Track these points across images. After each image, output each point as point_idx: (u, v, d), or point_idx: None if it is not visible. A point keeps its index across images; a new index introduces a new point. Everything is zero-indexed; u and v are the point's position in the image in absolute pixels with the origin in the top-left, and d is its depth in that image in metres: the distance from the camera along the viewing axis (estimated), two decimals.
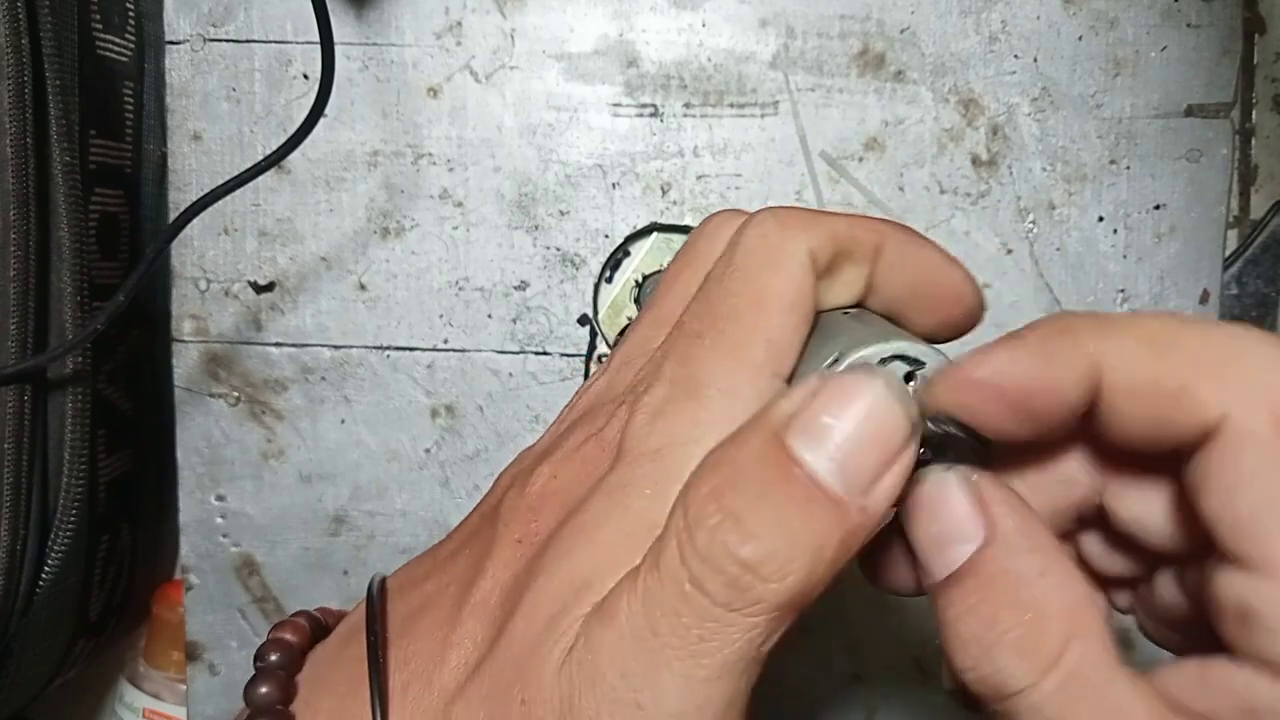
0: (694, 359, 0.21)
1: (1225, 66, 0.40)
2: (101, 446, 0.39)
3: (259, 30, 0.41)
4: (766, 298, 0.21)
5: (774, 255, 0.21)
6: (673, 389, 0.21)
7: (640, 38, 0.41)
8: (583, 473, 0.21)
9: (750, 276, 0.21)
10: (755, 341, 0.20)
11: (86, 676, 0.48)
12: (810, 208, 0.22)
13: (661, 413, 0.20)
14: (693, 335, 0.21)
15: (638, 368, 0.23)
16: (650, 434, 0.20)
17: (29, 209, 0.34)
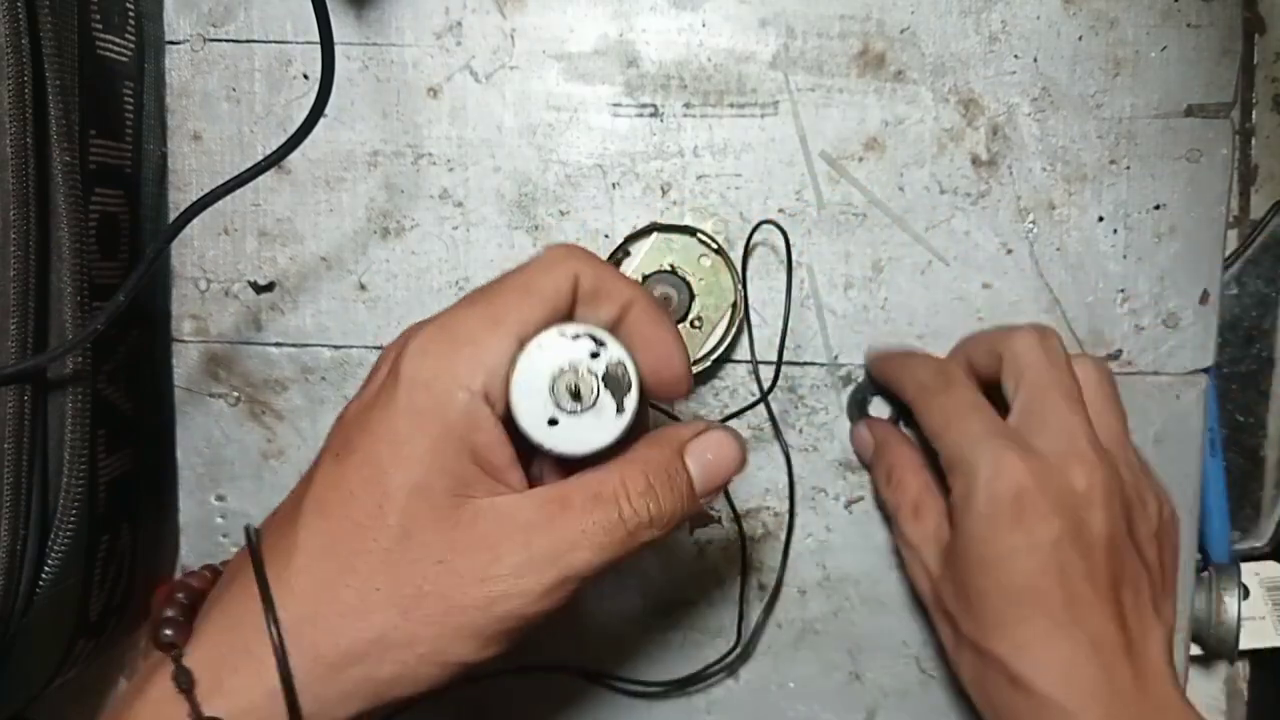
0: (462, 314, 0.28)
1: (1225, 66, 0.40)
2: (101, 446, 0.39)
3: (259, 30, 0.41)
4: (529, 286, 0.28)
5: (550, 265, 0.28)
6: (439, 331, 0.27)
7: (640, 38, 0.41)
8: (376, 395, 0.28)
9: (526, 271, 0.28)
10: (510, 313, 0.27)
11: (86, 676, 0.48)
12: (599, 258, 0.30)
13: (426, 349, 0.27)
14: (469, 301, 0.28)
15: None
16: (420, 365, 0.27)
17: (29, 209, 0.34)
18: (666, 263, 0.40)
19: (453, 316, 0.28)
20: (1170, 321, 0.41)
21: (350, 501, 0.27)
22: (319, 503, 0.27)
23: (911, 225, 0.41)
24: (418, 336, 0.27)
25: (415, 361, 0.27)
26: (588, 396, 0.27)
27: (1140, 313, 0.41)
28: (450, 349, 0.27)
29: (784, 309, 0.41)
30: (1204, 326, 0.41)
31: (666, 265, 0.40)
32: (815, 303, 0.42)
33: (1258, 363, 0.45)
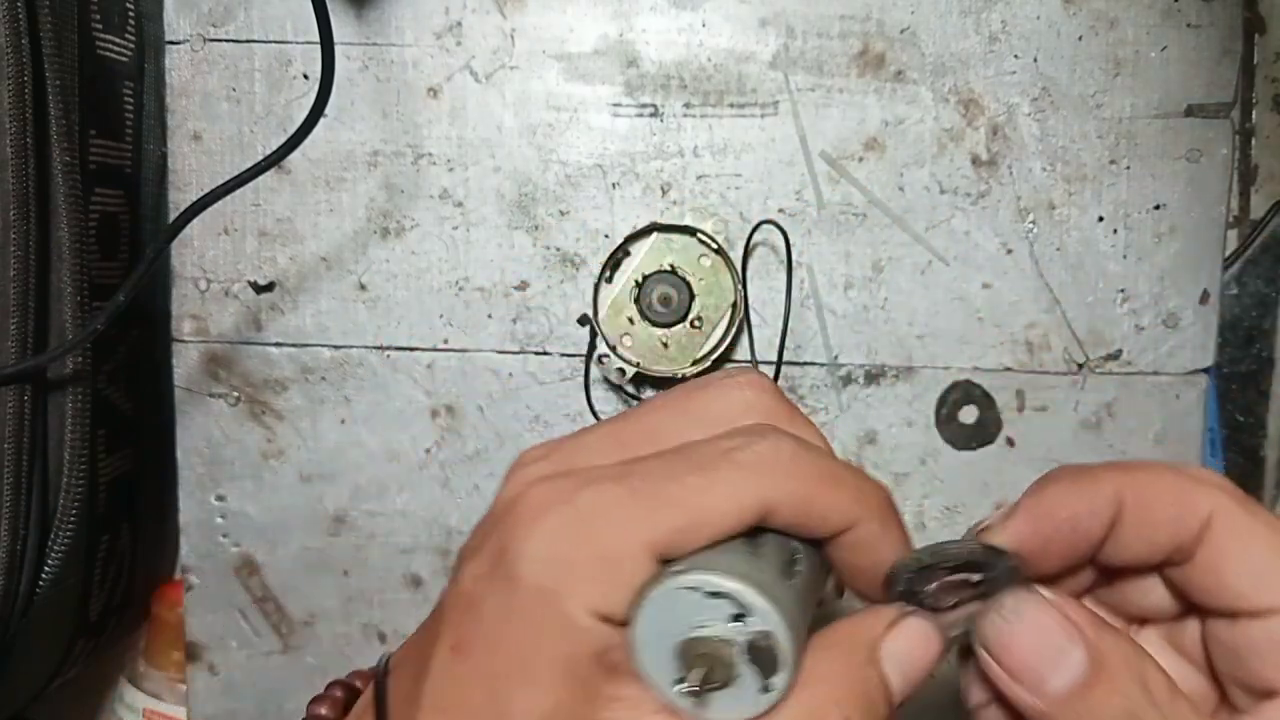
0: (616, 512, 0.22)
1: (1225, 66, 0.40)
2: (101, 446, 0.39)
3: (259, 30, 0.41)
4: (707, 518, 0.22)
5: (745, 492, 0.22)
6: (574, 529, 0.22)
7: (640, 38, 0.41)
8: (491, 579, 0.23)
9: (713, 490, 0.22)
10: (670, 539, 0.22)
11: (86, 676, 0.48)
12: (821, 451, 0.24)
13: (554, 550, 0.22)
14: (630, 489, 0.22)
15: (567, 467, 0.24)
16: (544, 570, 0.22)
17: (29, 209, 0.34)
18: (666, 263, 0.40)
19: (594, 505, 0.22)
20: (1170, 321, 0.41)
21: (469, 711, 0.22)
22: (437, 709, 0.23)
23: (911, 225, 0.41)
24: (544, 522, 0.22)
25: (539, 565, 0.22)
26: (722, 676, 0.22)
27: (1140, 313, 0.41)
28: (584, 557, 0.22)
29: (784, 309, 0.41)
30: (1204, 326, 0.41)
31: (666, 265, 0.40)
32: (815, 303, 0.42)
33: (1258, 363, 0.45)
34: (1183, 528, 0.24)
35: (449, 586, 0.24)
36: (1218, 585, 0.24)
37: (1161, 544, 0.24)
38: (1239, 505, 0.24)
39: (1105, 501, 0.24)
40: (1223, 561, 0.24)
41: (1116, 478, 0.24)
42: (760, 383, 0.25)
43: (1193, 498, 0.24)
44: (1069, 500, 0.24)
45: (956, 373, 0.42)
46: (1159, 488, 0.24)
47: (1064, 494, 0.24)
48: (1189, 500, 0.24)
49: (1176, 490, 0.24)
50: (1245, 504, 0.24)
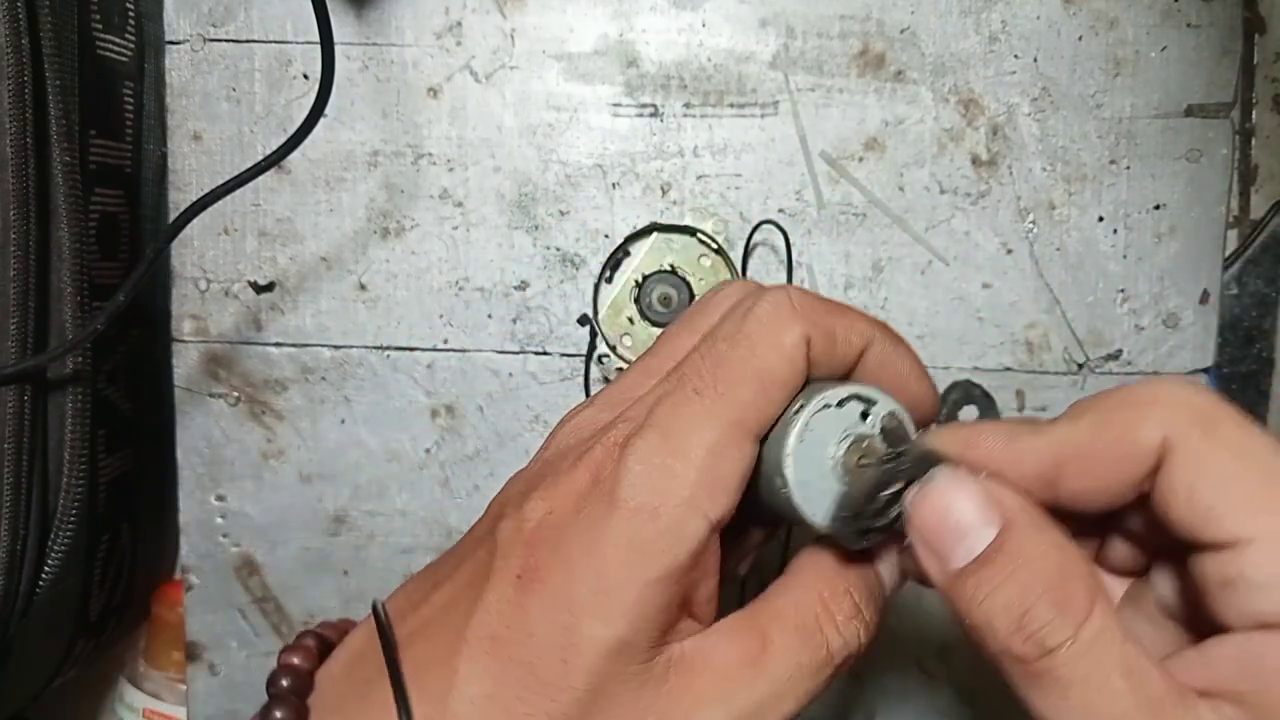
0: (690, 413, 0.23)
1: (1225, 66, 0.40)
2: (101, 446, 0.39)
3: (259, 30, 0.41)
4: (769, 375, 0.23)
5: (781, 336, 0.23)
6: (665, 440, 0.23)
7: (640, 38, 0.41)
8: (577, 511, 0.23)
9: (757, 350, 0.23)
10: (750, 413, 0.23)
11: (86, 676, 0.48)
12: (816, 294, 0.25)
13: (653, 463, 0.22)
14: (691, 390, 0.23)
15: (624, 409, 0.25)
16: (646, 486, 0.22)
17: (29, 209, 0.34)
18: (666, 263, 0.40)
19: (679, 418, 0.23)
20: (1170, 321, 0.41)
21: (529, 645, 0.22)
22: (491, 638, 0.22)
23: (911, 225, 0.41)
24: (638, 446, 0.22)
25: (640, 481, 0.22)
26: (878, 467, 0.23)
27: (1140, 313, 0.41)
28: (684, 464, 0.22)
29: None
30: (1204, 326, 0.41)
31: (666, 265, 0.40)
32: None
33: (1258, 363, 0.45)
34: (1134, 469, 0.22)
35: (500, 526, 0.24)
36: (1177, 520, 0.22)
37: (1117, 492, 0.23)
38: (1194, 426, 0.22)
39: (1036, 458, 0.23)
40: (1178, 495, 0.22)
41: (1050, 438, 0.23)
42: (748, 282, 0.26)
43: (1139, 433, 0.22)
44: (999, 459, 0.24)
45: (956, 372, 0.42)
46: (1102, 438, 0.23)
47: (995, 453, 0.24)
48: (1135, 438, 0.22)
49: (1121, 432, 0.22)
50: (1203, 423, 0.22)
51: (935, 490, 0.23)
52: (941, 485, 0.23)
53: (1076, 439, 0.23)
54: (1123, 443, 0.22)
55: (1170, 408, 0.22)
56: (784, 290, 0.24)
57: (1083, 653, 0.21)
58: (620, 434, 0.23)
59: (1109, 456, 0.23)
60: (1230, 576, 0.21)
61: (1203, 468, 0.22)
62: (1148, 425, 0.22)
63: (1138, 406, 0.22)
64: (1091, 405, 0.23)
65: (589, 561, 0.22)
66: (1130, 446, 0.22)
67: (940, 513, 0.23)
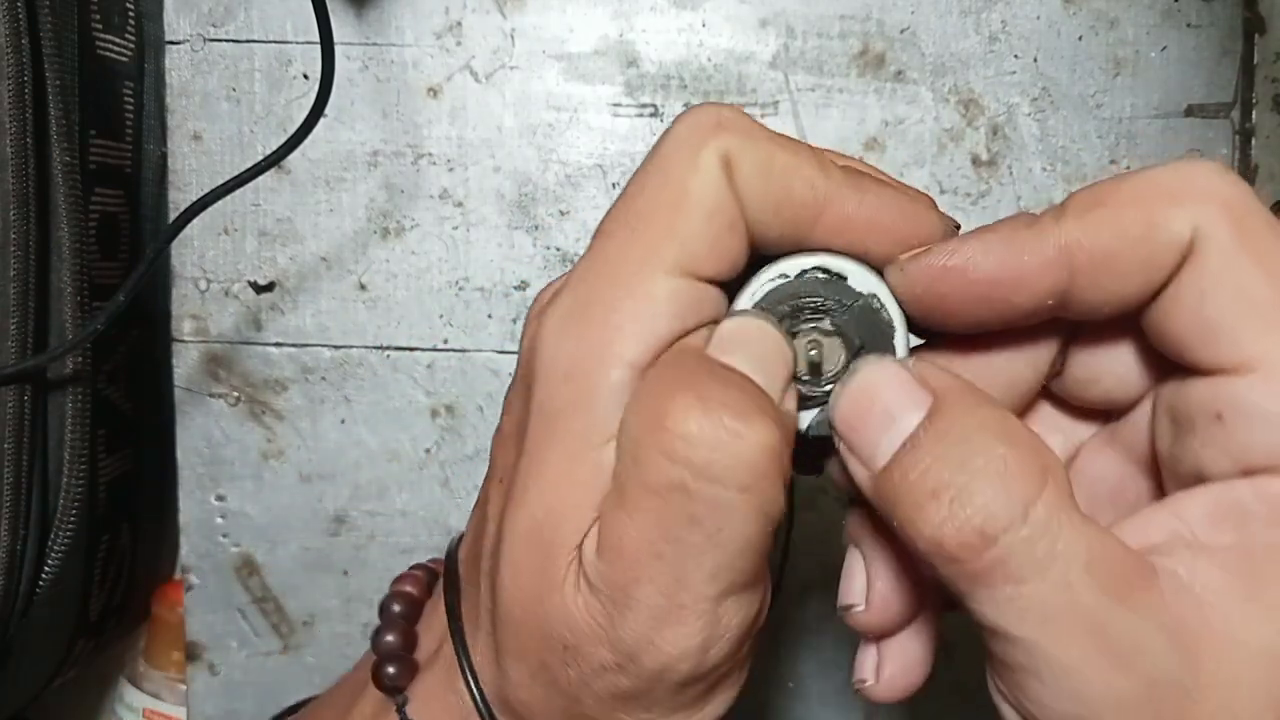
0: (603, 259, 0.20)
1: (1225, 66, 0.40)
2: (101, 446, 0.39)
3: (259, 30, 0.41)
4: (683, 199, 0.20)
5: (696, 153, 0.20)
6: (576, 291, 0.20)
7: (640, 38, 0.41)
8: (523, 399, 0.22)
9: (669, 173, 0.20)
10: (668, 244, 0.20)
11: (86, 676, 0.48)
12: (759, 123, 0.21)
13: (566, 327, 0.20)
14: (604, 234, 0.20)
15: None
16: (559, 351, 0.20)
17: (29, 209, 0.34)
18: None
19: (589, 270, 0.20)
20: None
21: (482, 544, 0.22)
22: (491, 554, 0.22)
23: None
24: (554, 307, 0.21)
25: (550, 349, 0.20)
26: (832, 365, 0.21)
27: None
28: (599, 313, 0.20)
29: None
30: None
31: None
32: None
33: None
34: (1157, 272, 0.19)
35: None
36: (1176, 334, 0.19)
37: (1130, 300, 0.19)
38: (1225, 223, 0.18)
39: (1043, 261, 0.19)
40: (1185, 303, 0.18)
41: (1061, 225, 0.19)
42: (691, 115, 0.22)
43: (1167, 228, 0.18)
44: (993, 258, 0.20)
45: None
46: (1122, 227, 0.19)
47: (990, 249, 0.20)
48: (1162, 235, 0.18)
49: (1145, 229, 0.18)
50: (1236, 219, 0.18)
51: (855, 381, 0.20)
52: (862, 374, 0.20)
53: (1092, 240, 0.19)
54: (1147, 241, 0.18)
55: (1202, 197, 0.18)
56: (711, 106, 0.21)
57: (1035, 538, 0.17)
58: (544, 299, 0.22)
59: (1130, 258, 0.19)
60: (1223, 407, 0.18)
61: (1223, 273, 0.18)
62: (1177, 218, 0.18)
63: (1165, 195, 0.19)
64: (1104, 195, 0.19)
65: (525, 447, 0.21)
66: (1155, 246, 0.18)
67: (862, 402, 0.19)
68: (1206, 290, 0.18)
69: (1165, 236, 0.18)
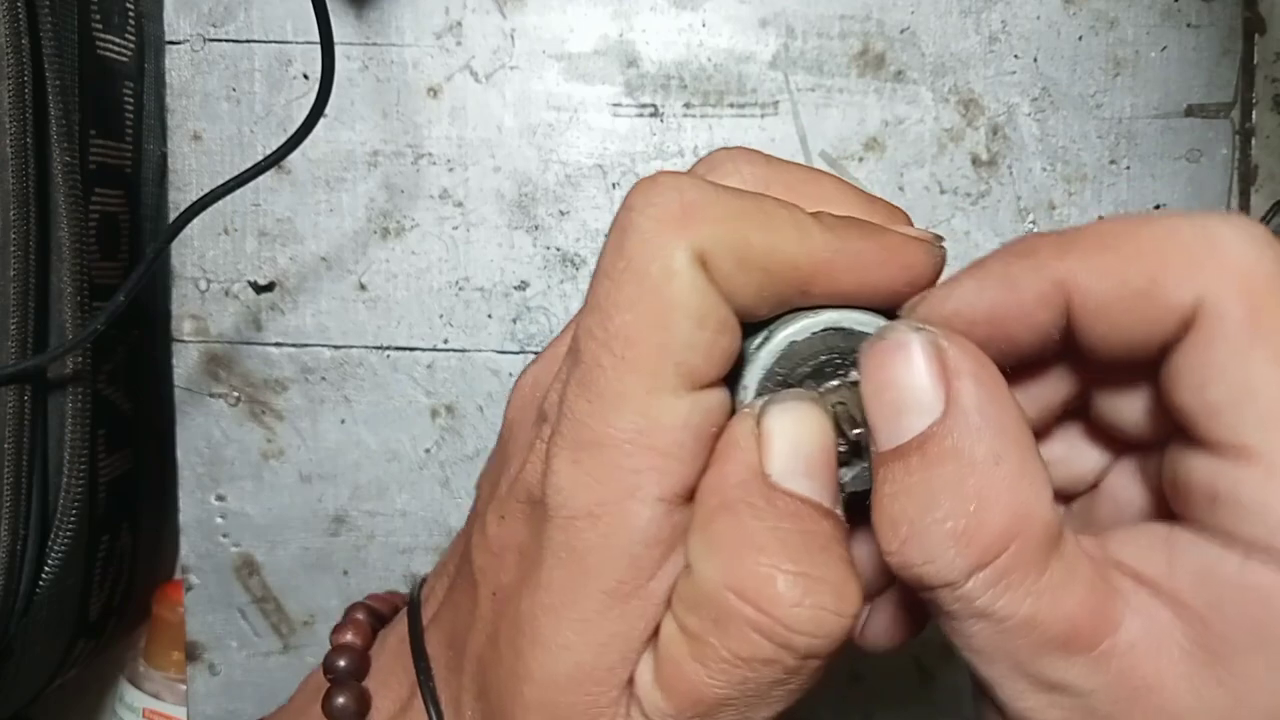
0: (599, 394, 0.19)
1: (1225, 66, 0.40)
2: (101, 446, 0.39)
3: (259, 30, 0.41)
4: (667, 312, 0.18)
5: (668, 258, 0.18)
6: (581, 430, 0.19)
7: (640, 38, 0.41)
8: (522, 519, 0.21)
9: (643, 285, 0.18)
10: (664, 366, 0.19)
11: (86, 676, 0.48)
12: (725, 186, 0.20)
13: (579, 462, 0.19)
14: (592, 361, 0.19)
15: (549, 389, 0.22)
16: (576, 490, 0.19)
17: (29, 209, 0.34)
18: None
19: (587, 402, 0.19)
20: None
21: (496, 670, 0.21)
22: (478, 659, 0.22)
23: None
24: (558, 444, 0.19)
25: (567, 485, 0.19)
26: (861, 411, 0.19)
27: None
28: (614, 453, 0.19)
29: None
30: None
31: None
32: None
33: None
34: (1153, 327, 0.17)
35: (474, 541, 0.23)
36: (1180, 402, 0.17)
37: (1132, 344, 0.18)
38: (1238, 299, 0.17)
39: (1038, 296, 0.18)
40: (1190, 375, 0.17)
41: (1062, 261, 0.18)
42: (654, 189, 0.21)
43: (1169, 291, 0.17)
44: (990, 291, 0.19)
45: None
46: (1124, 278, 0.17)
47: (984, 287, 0.19)
48: (1162, 296, 0.17)
49: (1146, 284, 0.17)
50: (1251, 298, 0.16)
51: (890, 344, 0.18)
52: (895, 340, 0.18)
53: (1092, 283, 0.18)
54: (1149, 299, 0.17)
55: (1217, 264, 0.17)
56: (669, 185, 0.19)
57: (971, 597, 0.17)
58: (546, 431, 0.21)
59: (1130, 312, 0.18)
60: (1219, 489, 0.17)
61: (1228, 357, 0.17)
62: (1182, 283, 0.17)
63: (1177, 254, 0.17)
64: (1116, 237, 0.18)
65: (539, 581, 0.20)
66: (1156, 307, 0.17)
67: (879, 377, 0.18)
68: (1209, 370, 0.17)
69: (1167, 300, 0.17)
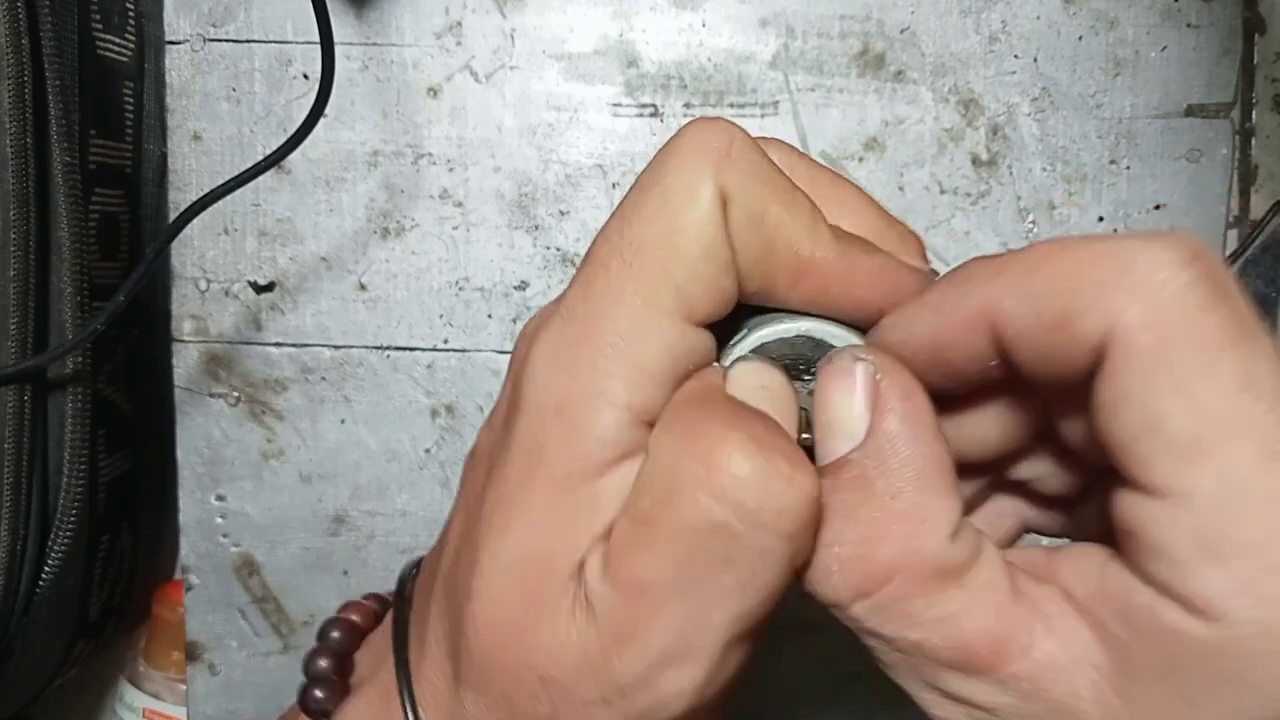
0: (597, 292, 0.19)
1: (1225, 66, 0.40)
2: (101, 446, 0.39)
3: (259, 30, 0.41)
4: (679, 235, 0.19)
5: (696, 186, 0.19)
6: (568, 325, 0.19)
7: (640, 38, 0.41)
8: (503, 424, 0.21)
9: (669, 203, 0.19)
10: (663, 285, 0.19)
11: (86, 676, 0.48)
12: (768, 154, 0.20)
13: (558, 355, 0.19)
14: (599, 262, 0.19)
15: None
16: (550, 383, 0.19)
17: (29, 209, 0.34)
18: None
19: (586, 300, 0.19)
20: None
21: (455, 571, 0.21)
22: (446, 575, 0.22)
23: (912, 225, 0.41)
24: (545, 335, 0.20)
25: (541, 376, 0.19)
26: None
27: None
28: (590, 350, 0.19)
29: None
30: None
31: None
32: None
33: None
34: (1070, 355, 0.17)
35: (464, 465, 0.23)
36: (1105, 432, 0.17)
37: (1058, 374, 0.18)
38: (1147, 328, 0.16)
39: (964, 323, 0.19)
40: (1110, 409, 0.17)
41: (988, 287, 0.19)
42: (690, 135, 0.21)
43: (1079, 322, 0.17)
44: (928, 318, 0.20)
45: None
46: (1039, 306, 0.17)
47: (924, 309, 0.20)
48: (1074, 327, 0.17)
49: (1058, 316, 0.17)
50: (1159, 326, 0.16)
51: (823, 374, 0.20)
52: (828, 369, 0.20)
53: (1013, 309, 0.18)
54: (1060, 329, 0.17)
55: (1128, 295, 0.16)
56: (724, 126, 0.19)
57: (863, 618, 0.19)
58: (532, 326, 0.21)
59: (1046, 341, 0.18)
60: (1134, 525, 0.17)
61: (1133, 393, 0.16)
62: (1089, 314, 0.17)
63: (1089, 283, 0.17)
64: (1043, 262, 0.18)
65: (499, 474, 0.20)
66: (1066, 336, 0.17)
67: (820, 399, 0.20)
68: (1118, 402, 0.16)
69: (1079, 329, 0.17)
